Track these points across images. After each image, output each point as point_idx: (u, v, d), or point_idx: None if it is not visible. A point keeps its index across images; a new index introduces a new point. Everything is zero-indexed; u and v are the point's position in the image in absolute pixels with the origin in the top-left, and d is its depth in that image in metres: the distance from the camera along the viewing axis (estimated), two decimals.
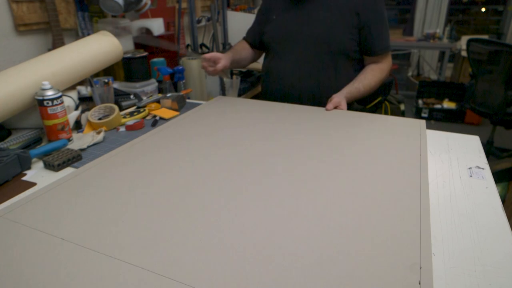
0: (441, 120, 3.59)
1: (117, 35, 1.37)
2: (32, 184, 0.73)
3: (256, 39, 1.34)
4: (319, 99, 1.18)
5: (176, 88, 1.51)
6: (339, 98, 1.12)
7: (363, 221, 0.57)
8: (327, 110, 1.09)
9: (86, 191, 0.68)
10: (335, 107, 1.11)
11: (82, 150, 0.87)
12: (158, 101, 1.19)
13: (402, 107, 1.47)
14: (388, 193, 0.65)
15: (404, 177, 0.70)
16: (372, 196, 0.64)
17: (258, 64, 1.43)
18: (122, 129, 1.02)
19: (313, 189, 0.67)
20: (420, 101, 3.71)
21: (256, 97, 1.98)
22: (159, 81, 1.47)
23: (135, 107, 1.16)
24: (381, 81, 1.21)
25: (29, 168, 0.80)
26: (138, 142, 0.89)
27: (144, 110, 1.11)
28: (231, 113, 1.09)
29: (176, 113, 1.12)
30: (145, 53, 1.39)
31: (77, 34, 1.56)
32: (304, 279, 0.46)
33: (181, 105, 1.17)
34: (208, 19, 2.44)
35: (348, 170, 0.74)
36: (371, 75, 1.18)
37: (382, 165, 0.75)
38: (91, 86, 1.16)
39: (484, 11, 4.67)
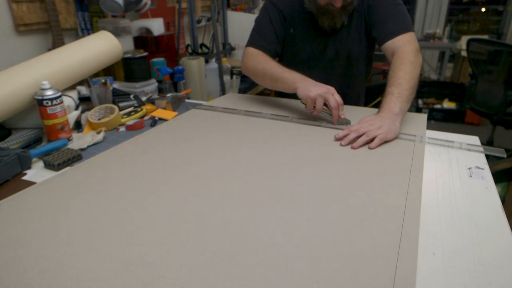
0: (441, 120, 3.59)
1: (117, 35, 1.37)
2: (32, 184, 0.73)
3: (278, 51, 1.19)
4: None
5: (176, 88, 1.51)
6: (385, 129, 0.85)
7: (357, 219, 0.57)
8: (370, 148, 0.83)
9: (82, 189, 0.68)
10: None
11: (82, 150, 0.87)
12: (153, 102, 1.19)
13: None
14: (379, 191, 0.65)
15: (397, 173, 0.71)
16: (365, 195, 0.64)
17: None
18: (122, 129, 1.02)
19: (311, 188, 0.67)
20: (420, 101, 3.72)
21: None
22: (159, 81, 1.47)
23: (132, 107, 1.16)
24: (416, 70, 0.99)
25: (29, 167, 0.80)
26: (134, 142, 0.89)
27: (142, 109, 1.11)
28: (225, 117, 1.09)
29: (175, 113, 1.12)
30: (145, 53, 1.39)
31: (77, 34, 1.56)
32: (297, 278, 0.46)
33: (176, 106, 1.17)
34: (208, 19, 2.44)
35: (344, 167, 0.74)
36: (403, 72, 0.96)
37: (377, 161, 0.75)
38: (89, 86, 1.16)
39: (484, 11, 4.67)
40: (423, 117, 1.04)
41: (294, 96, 1.07)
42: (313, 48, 1.18)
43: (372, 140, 0.84)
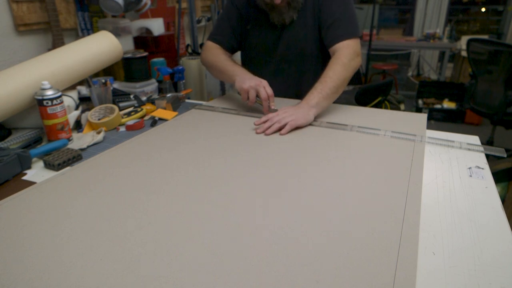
0: (441, 120, 3.59)
1: (117, 35, 1.37)
2: (32, 184, 0.73)
3: (234, 46, 1.27)
4: None
5: (176, 88, 1.52)
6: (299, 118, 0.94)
7: (357, 219, 0.57)
8: (281, 134, 0.91)
9: (82, 189, 0.68)
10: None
11: (82, 150, 0.87)
12: (153, 102, 1.19)
13: (402, 107, 1.47)
14: (379, 190, 0.65)
15: (397, 173, 0.70)
16: (365, 195, 0.64)
17: None
18: (122, 129, 1.02)
19: (311, 188, 0.67)
20: (420, 101, 3.72)
21: None
22: (159, 81, 1.47)
23: (132, 107, 1.16)
24: (347, 72, 1.03)
25: (29, 167, 0.80)
26: (134, 142, 0.89)
27: (142, 110, 1.11)
28: (223, 118, 1.09)
29: (175, 113, 1.12)
30: (145, 53, 1.39)
31: (77, 34, 1.57)
32: (296, 278, 0.46)
33: (176, 106, 1.17)
34: (208, 19, 2.44)
35: (344, 167, 0.74)
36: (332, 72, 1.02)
37: (377, 161, 0.75)
38: (89, 86, 1.16)
39: (484, 11, 4.67)
40: (423, 117, 1.04)
41: (292, 95, 1.09)
42: (267, 43, 1.23)
43: (284, 127, 0.91)
